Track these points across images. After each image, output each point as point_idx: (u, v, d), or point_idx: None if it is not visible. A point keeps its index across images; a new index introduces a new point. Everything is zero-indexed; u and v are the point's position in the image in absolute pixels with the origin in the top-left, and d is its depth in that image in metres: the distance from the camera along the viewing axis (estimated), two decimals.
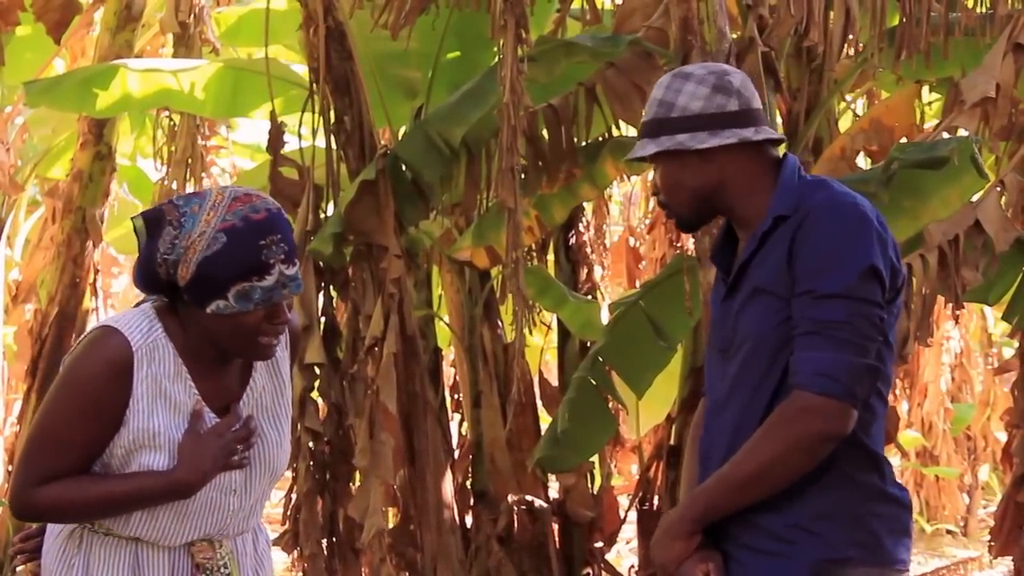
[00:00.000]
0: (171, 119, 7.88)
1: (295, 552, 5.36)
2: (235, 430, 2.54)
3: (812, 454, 2.46)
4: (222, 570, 2.61)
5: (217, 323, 2.48)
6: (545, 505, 6.00)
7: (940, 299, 4.73)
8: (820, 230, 2.49)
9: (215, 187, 2.62)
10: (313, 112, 5.39)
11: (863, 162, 5.66)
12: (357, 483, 5.32)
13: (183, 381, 2.53)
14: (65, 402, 2.49)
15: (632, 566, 6.48)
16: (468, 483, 6.09)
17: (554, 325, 6.64)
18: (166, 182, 7.88)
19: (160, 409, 2.50)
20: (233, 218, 2.44)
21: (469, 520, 6.01)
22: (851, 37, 4.61)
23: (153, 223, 2.49)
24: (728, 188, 2.62)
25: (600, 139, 5.52)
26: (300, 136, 5.64)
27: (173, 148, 7.84)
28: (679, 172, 2.62)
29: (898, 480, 2.62)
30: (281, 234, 2.46)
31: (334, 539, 5.35)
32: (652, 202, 9.80)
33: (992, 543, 5.90)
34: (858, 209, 2.52)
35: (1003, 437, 10.69)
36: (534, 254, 6.38)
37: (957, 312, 4.89)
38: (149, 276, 2.51)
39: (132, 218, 2.55)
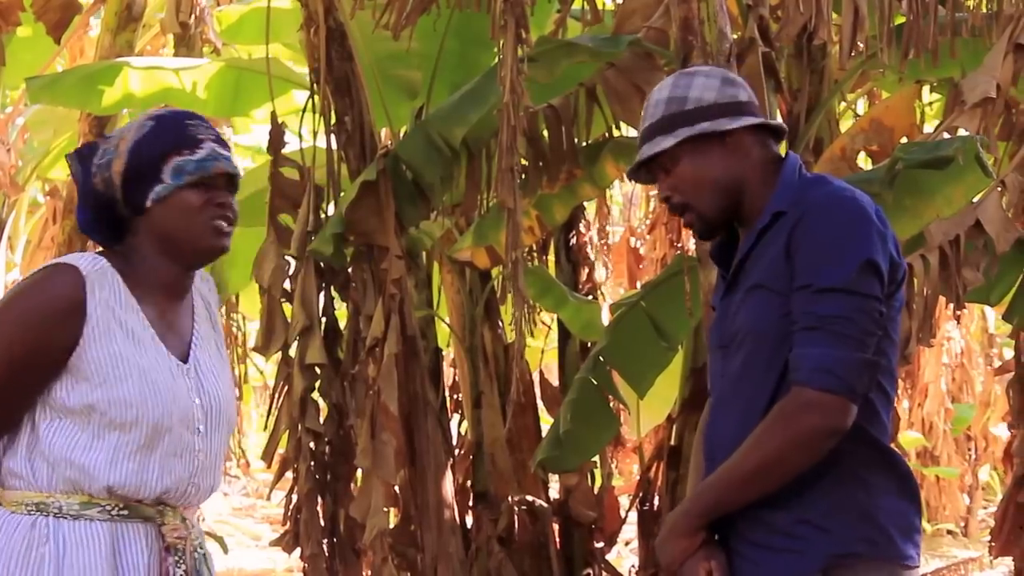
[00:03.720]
0: None
1: (295, 552, 5.36)
2: None
3: (813, 450, 2.45)
4: (198, 550, 2.49)
5: (163, 217, 2.44)
6: (546, 505, 6.00)
7: (941, 299, 4.72)
8: (818, 225, 2.49)
9: None
10: (314, 112, 5.40)
11: (864, 162, 5.65)
12: (358, 483, 5.32)
13: (134, 312, 2.45)
14: (12, 335, 2.40)
15: (633, 567, 6.47)
16: (469, 483, 6.09)
17: (554, 326, 6.63)
18: None
19: (117, 334, 2.41)
20: (159, 112, 2.50)
21: (470, 520, 6.01)
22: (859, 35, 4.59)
23: (86, 154, 2.52)
24: (747, 180, 2.61)
25: (601, 139, 5.52)
26: (301, 136, 5.64)
27: None
28: (702, 164, 2.59)
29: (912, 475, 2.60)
30: (206, 122, 2.48)
31: (335, 539, 5.35)
32: (653, 202, 9.81)
33: (992, 543, 5.90)
34: (856, 204, 2.52)
35: (1004, 435, 10.69)
36: (535, 254, 6.38)
37: (958, 312, 4.89)
38: (89, 203, 2.49)
39: (66, 156, 2.58)
